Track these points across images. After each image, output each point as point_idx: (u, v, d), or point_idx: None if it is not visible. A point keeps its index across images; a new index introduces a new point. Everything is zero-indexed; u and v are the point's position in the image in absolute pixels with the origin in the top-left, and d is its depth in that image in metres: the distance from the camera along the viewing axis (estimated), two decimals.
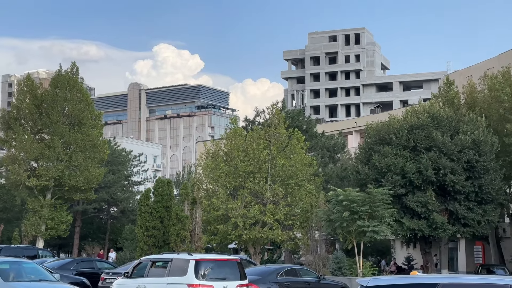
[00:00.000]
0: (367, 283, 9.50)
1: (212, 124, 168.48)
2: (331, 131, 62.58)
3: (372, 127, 41.19)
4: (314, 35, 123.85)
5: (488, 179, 36.99)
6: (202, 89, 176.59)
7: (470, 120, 38.77)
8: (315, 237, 35.96)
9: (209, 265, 17.76)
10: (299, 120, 50.22)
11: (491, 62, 59.95)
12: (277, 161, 35.50)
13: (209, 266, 17.75)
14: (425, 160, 36.29)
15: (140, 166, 64.79)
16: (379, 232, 29.92)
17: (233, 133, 37.62)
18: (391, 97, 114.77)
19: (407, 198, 36.54)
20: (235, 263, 18.49)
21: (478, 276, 9.91)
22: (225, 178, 35.65)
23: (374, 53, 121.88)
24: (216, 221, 35.70)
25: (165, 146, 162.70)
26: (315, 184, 37.55)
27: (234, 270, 18.21)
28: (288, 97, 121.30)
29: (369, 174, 37.60)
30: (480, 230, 38.27)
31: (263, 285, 22.83)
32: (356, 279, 11.77)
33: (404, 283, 9.66)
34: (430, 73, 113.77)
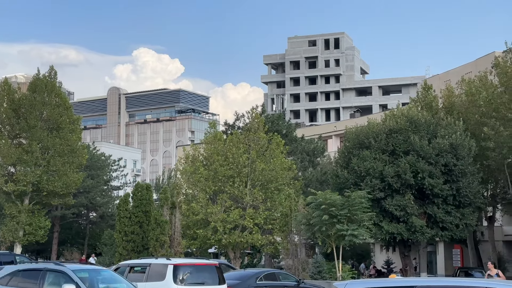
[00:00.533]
0: (344, 286, 9.52)
1: (192, 128, 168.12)
2: (311, 135, 62.75)
3: (351, 131, 41.35)
4: (294, 39, 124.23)
5: (465, 183, 37.29)
6: (182, 93, 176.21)
7: (448, 124, 39.07)
8: (295, 241, 35.98)
9: (187, 270, 17.71)
10: (279, 124, 50.27)
11: (469, 66, 60.54)
12: (256, 165, 35.48)
13: (188, 270, 17.70)
14: (404, 163, 36.50)
15: (120, 171, 64.44)
16: (358, 235, 30.01)
17: (213, 138, 37.57)
18: (370, 102, 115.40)
19: (386, 202, 36.70)
20: (214, 267, 18.43)
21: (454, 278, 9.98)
22: (205, 183, 35.56)
23: (354, 58, 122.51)
24: (195, 225, 35.58)
25: (145, 150, 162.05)
26: (295, 188, 37.60)
27: (212, 275, 18.16)
28: (268, 101, 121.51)
29: (348, 178, 37.73)
30: (458, 234, 38.54)
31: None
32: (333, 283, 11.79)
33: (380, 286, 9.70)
34: (409, 78, 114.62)
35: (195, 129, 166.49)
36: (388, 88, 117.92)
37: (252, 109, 39.62)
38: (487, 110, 39.85)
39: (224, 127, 51.63)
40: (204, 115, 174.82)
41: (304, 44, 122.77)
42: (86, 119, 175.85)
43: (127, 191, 50.28)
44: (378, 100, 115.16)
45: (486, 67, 44.68)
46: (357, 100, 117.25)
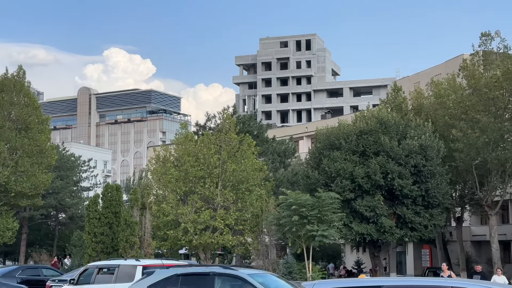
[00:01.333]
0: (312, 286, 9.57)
1: (163, 129, 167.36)
2: (282, 136, 62.95)
3: (322, 132, 41.56)
4: (265, 40, 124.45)
5: (434, 183, 37.71)
6: (153, 94, 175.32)
7: (417, 126, 39.49)
8: (266, 242, 36.03)
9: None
10: (250, 125, 50.31)
11: (438, 68, 61.28)
12: (227, 166, 35.45)
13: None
14: (374, 164, 36.79)
15: (90, 172, 63.91)
16: (328, 236, 30.15)
17: (184, 138, 37.46)
18: (341, 103, 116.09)
19: (356, 203, 36.95)
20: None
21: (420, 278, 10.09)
22: (175, 183, 35.42)
23: (325, 59, 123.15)
24: (166, 226, 35.42)
25: (115, 151, 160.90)
26: (266, 189, 37.66)
27: None
28: (239, 102, 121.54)
29: (319, 179, 37.91)
30: (427, 234, 38.96)
31: None
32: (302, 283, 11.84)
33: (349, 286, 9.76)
34: (379, 79, 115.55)
35: (166, 129, 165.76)
36: (359, 90, 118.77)
37: (224, 110, 39.60)
38: (456, 112, 40.35)
39: (195, 128, 51.52)
40: (175, 116, 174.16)
41: (276, 45, 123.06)
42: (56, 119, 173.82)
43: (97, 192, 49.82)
44: (349, 101, 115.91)
45: (454, 70, 45.26)
46: (328, 101, 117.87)
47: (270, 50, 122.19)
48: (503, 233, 49.50)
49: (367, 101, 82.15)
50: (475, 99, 39.56)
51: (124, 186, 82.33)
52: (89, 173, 63.69)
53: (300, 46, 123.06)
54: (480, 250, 55.10)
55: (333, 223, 30.54)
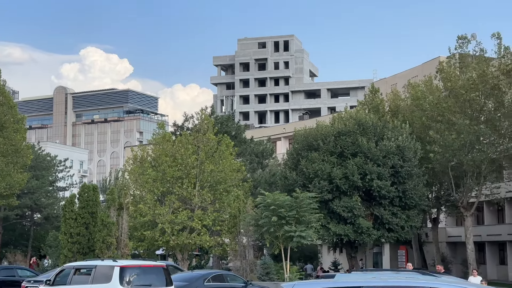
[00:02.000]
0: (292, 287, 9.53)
1: (140, 129, 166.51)
2: (260, 137, 62.98)
3: (300, 133, 41.64)
4: (243, 41, 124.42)
5: (411, 185, 37.96)
6: (130, 93, 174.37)
7: (394, 127, 39.73)
8: (243, 243, 35.95)
9: (134, 272, 17.47)
10: (228, 125, 50.25)
11: (415, 70, 61.75)
12: (205, 166, 35.31)
13: (134, 272, 17.46)
14: (352, 165, 36.92)
15: (66, 172, 63.34)
16: (306, 237, 30.16)
17: (161, 138, 37.23)
18: (319, 104, 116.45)
19: (334, 203, 37.06)
20: (161, 269, 18.27)
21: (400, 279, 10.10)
22: (153, 184, 35.20)
23: (303, 60, 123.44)
24: (143, 227, 35.18)
25: (92, 151, 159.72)
26: (244, 190, 37.59)
27: (160, 277, 18.00)
28: (217, 102, 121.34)
29: (297, 179, 37.95)
30: (403, 235, 39.21)
31: None
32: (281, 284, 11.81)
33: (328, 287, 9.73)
34: (357, 81, 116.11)
35: (143, 129, 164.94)
36: (336, 91, 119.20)
37: (202, 110, 39.47)
38: (433, 114, 40.69)
39: (173, 128, 51.31)
40: (153, 116, 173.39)
41: (254, 46, 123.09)
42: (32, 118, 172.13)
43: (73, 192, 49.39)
44: (327, 102, 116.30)
45: (431, 72, 45.63)
46: (306, 102, 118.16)
47: (248, 51, 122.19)
48: (478, 234, 50.04)
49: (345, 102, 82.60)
50: (451, 101, 39.93)
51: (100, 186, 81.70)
52: (65, 173, 63.12)
53: (278, 47, 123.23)
54: (455, 251, 55.62)
55: (311, 224, 30.57)
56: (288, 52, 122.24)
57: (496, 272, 52.09)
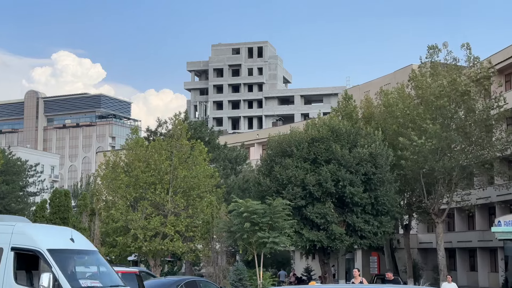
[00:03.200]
0: None
1: (113, 134, 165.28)
2: (234, 143, 62.98)
3: (274, 139, 41.70)
4: (217, 47, 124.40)
5: (383, 191, 38.23)
6: (103, 98, 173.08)
7: (367, 134, 40.01)
8: (216, 249, 35.87)
9: None
10: (201, 131, 50.15)
11: (388, 78, 62.28)
12: (178, 172, 35.15)
13: None
14: (325, 172, 37.06)
15: (37, 177, 62.72)
16: (279, 243, 30.19)
17: (135, 144, 36.98)
18: (292, 110, 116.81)
19: (307, 210, 37.16)
20: (134, 275, 18.20)
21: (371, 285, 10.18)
22: (125, 189, 34.93)
23: (277, 67, 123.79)
24: (115, 232, 34.88)
25: (63, 156, 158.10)
26: (217, 196, 37.51)
27: (132, 283, 17.91)
28: (191, 108, 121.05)
29: (270, 186, 37.98)
30: (376, 242, 39.44)
31: None
32: None
33: None
34: (330, 88, 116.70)
35: (116, 135, 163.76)
36: (310, 98, 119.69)
37: (175, 116, 39.32)
38: (404, 121, 41.08)
39: (146, 133, 51.05)
40: (125, 121, 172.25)
41: (228, 52, 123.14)
42: (2, 122, 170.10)
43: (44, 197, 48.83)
44: (300, 109, 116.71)
45: (403, 79, 46.12)
46: (280, 108, 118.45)
47: (222, 57, 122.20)
48: (449, 240, 50.57)
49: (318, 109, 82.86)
50: (422, 108, 40.38)
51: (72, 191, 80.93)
52: (36, 178, 62.51)
53: (252, 53, 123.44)
54: (426, 257, 56.12)
55: (284, 230, 30.61)
56: (262, 58, 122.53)
57: (466, 279, 52.67)
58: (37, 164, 65.19)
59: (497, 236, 28.10)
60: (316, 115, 47.59)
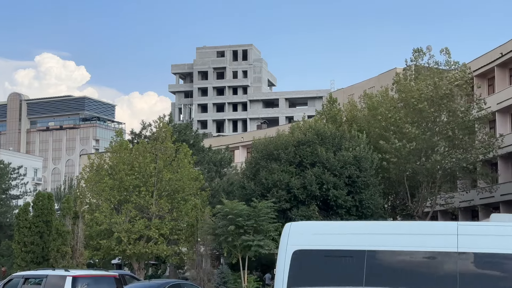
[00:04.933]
0: None
1: (97, 137, 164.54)
2: (218, 146, 62.84)
3: (260, 142, 41.69)
4: (202, 49, 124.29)
5: (368, 194, 38.35)
6: (87, 101, 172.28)
7: (352, 137, 40.14)
8: (201, 252, 35.79)
9: (86, 282, 17.37)
10: (186, 134, 50.01)
11: (372, 81, 62.56)
12: (163, 175, 35.04)
13: (86, 282, 17.37)
14: (310, 175, 37.13)
15: (19, 179, 62.22)
16: (264, 246, 30.19)
17: (119, 146, 36.81)
18: (277, 113, 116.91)
19: (292, 213, 37.18)
20: (113, 279, 18.32)
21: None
22: (109, 192, 34.76)
23: (261, 70, 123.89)
24: (99, 236, 34.69)
25: (46, 158, 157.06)
26: (202, 199, 37.42)
27: (111, 286, 17.96)
28: (175, 111, 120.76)
29: (255, 189, 37.96)
30: None
31: None
32: None
33: None
34: (314, 91, 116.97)
35: (100, 137, 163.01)
36: (294, 101, 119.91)
37: (160, 118, 39.21)
38: (387, 124, 41.28)
39: (130, 136, 50.80)
40: (109, 124, 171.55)
41: (213, 54, 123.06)
42: None
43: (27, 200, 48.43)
44: (285, 112, 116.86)
45: (387, 83, 46.36)
46: (264, 111, 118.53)
47: (206, 59, 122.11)
48: None
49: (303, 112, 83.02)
50: (404, 111, 40.60)
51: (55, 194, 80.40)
52: (18, 180, 62.03)
53: (236, 56, 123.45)
54: None
55: (269, 233, 30.61)
56: (246, 61, 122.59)
57: None
58: (20, 166, 64.62)
59: None
60: (301, 118, 47.66)
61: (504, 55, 47.09)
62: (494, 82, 49.02)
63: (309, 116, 57.18)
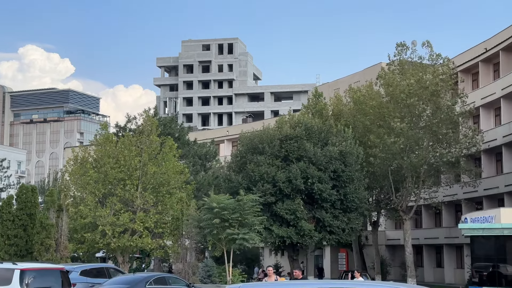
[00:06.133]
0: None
1: (81, 129, 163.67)
2: (203, 139, 62.79)
3: (246, 135, 41.70)
4: (187, 43, 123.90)
5: (352, 188, 38.54)
6: (71, 93, 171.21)
7: (338, 132, 40.25)
8: (186, 245, 35.76)
9: (32, 274, 17.61)
10: (171, 127, 49.90)
11: (357, 76, 62.71)
12: (148, 168, 34.94)
13: (33, 275, 17.60)
14: (295, 169, 37.23)
15: (3, 172, 61.68)
16: (249, 239, 30.23)
17: (104, 139, 36.63)
18: (262, 107, 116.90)
19: (277, 206, 37.28)
20: (58, 272, 18.68)
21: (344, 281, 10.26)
22: (94, 185, 34.61)
23: (247, 63, 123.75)
24: (83, 229, 34.54)
25: (30, 151, 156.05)
26: (187, 192, 37.37)
27: (57, 279, 18.28)
28: (160, 104, 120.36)
29: (241, 182, 38.00)
30: (344, 237, 39.76)
31: None
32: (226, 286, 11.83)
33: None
34: (300, 85, 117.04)
35: (84, 130, 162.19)
36: (280, 95, 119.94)
37: (145, 111, 39.06)
38: (374, 118, 41.43)
39: (115, 129, 50.58)
40: (94, 117, 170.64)
41: (198, 48, 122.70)
42: None
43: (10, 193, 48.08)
44: (270, 106, 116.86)
45: (372, 77, 46.47)
46: (250, 105, 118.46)
47: (192, 53, 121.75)
48: (416, 237, 51.14)
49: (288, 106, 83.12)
50: (392, 106, 40.76)
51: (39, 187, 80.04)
52: (2, 173, 61.46)
53: (222, 49, 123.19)
54: (394, 254, 56.72)
55: (254, 226, 30.65)
56: (232, 55, 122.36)
57: (433, 275, 53.35)
58: (3, 159, 64.05)
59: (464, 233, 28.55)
60: (286, 112, 47.70)
61: (488, 50, 47.40)
62: (478, 77, 49.36)
63: (294, 110, 57.26)
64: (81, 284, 24.15)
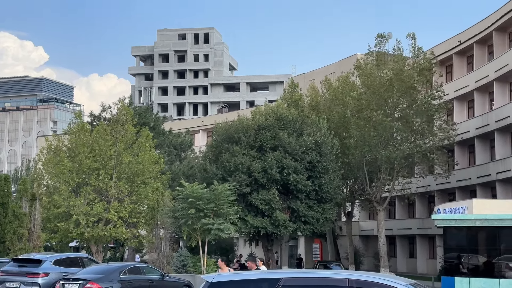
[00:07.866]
0: (212, 279, 9.52)
1: (55, 118, 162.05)
2: (179, 129, 62.61)
3: (221, 126, 41.66)
4: (163, 32, 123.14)
5: (327, 179, 38.73)
6: (44, 82, 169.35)
7: (313, 122, 40.37)
8: (160, 235, 35.66)
9: None
10: (146, 117, 49.68)
11: (333, 67, 62.88)
12: (123, 158, 34.74)
13: None
14: (271, 159, 37.29)
15: None
16: (224, 230, 30.21)
17: (79, 128, 36.30)
18: (238, 97, 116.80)
19: (252, 196, 37.34)
20: None
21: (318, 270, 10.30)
22: (68, 175, 34.32)
23: (223, 53, 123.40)
24: (57, 218, 34.26)
25: (2, 140, 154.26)
26: (162, 182, 37.25)
27: None
28: (135, 93, 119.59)
29: (216, 172, 37.96)
30: (319, 227, 39.98)
31: (105, 283, 22.23)
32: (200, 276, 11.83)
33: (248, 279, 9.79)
34: (275, 76, 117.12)
35: (58, 119, 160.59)
36: (255, 85, 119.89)
37: (120, 100, 38.80)
38: (352, 109, 41.61)
39: (89, 118, 50.20)
40: (68, 105, 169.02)
41: (174, 37, 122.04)
42: None
43: None
44: (246, 96, 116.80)
45: (349, 68, 46.66)
46: (225, 95, 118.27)
47: (167, 42, 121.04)
48: (389, 228, 51.62)
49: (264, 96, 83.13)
50: (369, 97, 40.97)
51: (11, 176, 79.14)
52: None
53: (198, 39, 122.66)
54: (367, 244, 57.19)
55: (229, 217, 30.65)
56: (208, 44, 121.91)
57: (405, 265, 53.93)
58: None
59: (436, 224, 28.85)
60: (262, 102, 47.73)
61: (462, 43, 47.83)
62: (452, 69, 49.81)
63: (270, 101, 57.28)
64: (54, 274, 23.86)
